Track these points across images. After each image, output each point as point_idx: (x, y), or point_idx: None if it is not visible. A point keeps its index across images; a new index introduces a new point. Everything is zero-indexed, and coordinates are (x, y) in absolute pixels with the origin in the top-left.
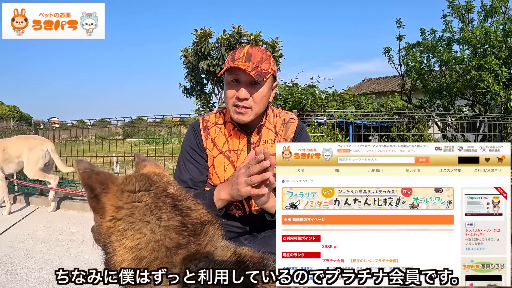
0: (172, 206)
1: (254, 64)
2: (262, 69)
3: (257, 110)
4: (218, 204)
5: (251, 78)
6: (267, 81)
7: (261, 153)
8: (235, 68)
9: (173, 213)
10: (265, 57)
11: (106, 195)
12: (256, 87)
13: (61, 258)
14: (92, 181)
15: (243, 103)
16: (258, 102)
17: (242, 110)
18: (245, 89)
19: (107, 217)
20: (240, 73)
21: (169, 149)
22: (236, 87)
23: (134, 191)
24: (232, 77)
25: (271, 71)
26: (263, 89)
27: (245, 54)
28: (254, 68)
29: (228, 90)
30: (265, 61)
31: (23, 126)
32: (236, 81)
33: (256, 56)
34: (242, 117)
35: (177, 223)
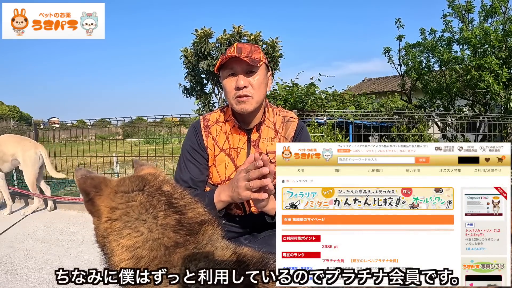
0: (167, 204)
1: (246, 54)
2: (253, 57)
3: (257, 97)
4: (218, 205)
5: (246, 64)
6: (261, 69)
7: (260, 159)
8: (229, 61)
9: (169, 211)
10: (254, 48)
11: (100, 198)
12: (252, 75)
13: (61, 258)
14: (87, 186)
15: (244, 91)
16: (257, 88)
17: (243, 99)
18: (242, 78)
19: (103, 218)
20: (235, 65)
21: (169, 149)
22: (234, 80)
23: (128, 191)
24: (228, 71)
25: (263, 59)
26: (259, 76)
27: (235, 48)
28: (246, 56)
29: (227, 84)
30: (255, 51)
31: (23, 126)
32: (232, 74)
33: (245, 48)
34: (244, 106)
35: (173, 221)
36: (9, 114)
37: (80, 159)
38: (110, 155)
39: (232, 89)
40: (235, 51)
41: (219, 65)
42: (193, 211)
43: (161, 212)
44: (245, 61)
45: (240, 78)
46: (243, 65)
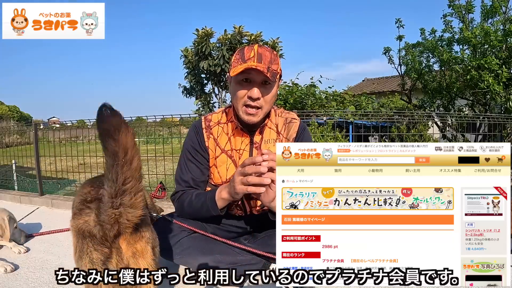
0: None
1: (266, 65)
2: (273, 69)
3: (266, 109)
4: (219, 203)
5: (266, 78)
6: (277, 81)
7: (260, 155)
8: (249, 68)
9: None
10: (274, 57)
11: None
12: (267, 88)
13: (61, 258)
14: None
15: (255, 103)
16: (268, 102)
17: (252, 111)
18: (257, 89)
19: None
20: (254, 73)
21: (169, 149)
22: (247, 87)
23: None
24: (244, 76)
25: (279, 71)
26: (273, 90)
27: (256, 54)
28: (267, 68)
29: (239, 90)
30: (274, 61)
31: (23, 126)
32: (247, 81)
33: (266, 57)
34: (252, 118)
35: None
36: (9, 114)
37: (80, 159)
38: None
39: (243, 96)
40: (255, 57)
41: (238, 72)
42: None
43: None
44: (265, 73)
45: (255, 89)
46: (261, 76)
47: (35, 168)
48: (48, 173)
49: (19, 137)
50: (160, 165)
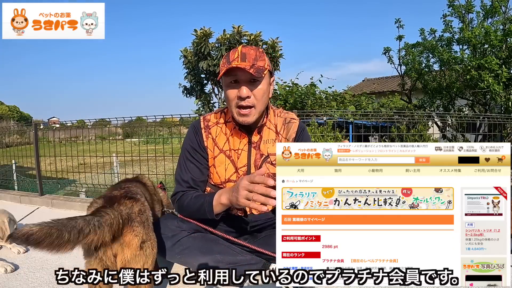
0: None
1: (251, 62)
2: (259, 66)
3: (259, 108)
4: (218, 208)
5: (250, 75)
6: (265, 77)
7: (271, 179)
8: (233, 68)
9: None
10: (259, 54)
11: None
12: (255, 84)
13: (61, 258)
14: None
15: (246, 101)
16: (259, 99)
17: (245, 112)
18: (246, 88)
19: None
20: (239, 73)
21: (169, 149)
22: (236, 87)
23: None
24: (231, 78)
25: (267, 67)
26: (262, 86)
27: (240, 54)
28: (251, 66)
29: (229, 92)
30: (260, 58)
31: (23, 126)
32: (235, 82)
33: (250, 55)
34: (246, 119)
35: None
36: (9, 114)
37: (80, 159)
38: (110, 155)
39: (234, 97)
40: (239, 57)
41: (222, 73)
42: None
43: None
44: (248, 70)
45: (243, 88)
46: (247, 74)
47: (35, 168)
48: (48, 173)
49: (19, 137)
50: (160, 165)
